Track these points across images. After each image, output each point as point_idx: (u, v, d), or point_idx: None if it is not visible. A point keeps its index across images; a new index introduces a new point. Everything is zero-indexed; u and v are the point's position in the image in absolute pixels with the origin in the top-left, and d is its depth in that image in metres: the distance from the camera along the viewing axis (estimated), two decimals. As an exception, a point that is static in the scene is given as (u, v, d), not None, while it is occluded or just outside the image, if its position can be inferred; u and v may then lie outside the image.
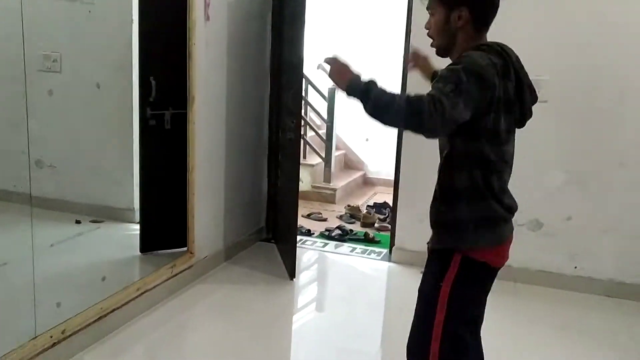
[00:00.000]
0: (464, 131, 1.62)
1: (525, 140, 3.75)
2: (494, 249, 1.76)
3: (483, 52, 1.62)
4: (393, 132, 6.53)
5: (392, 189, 6.51)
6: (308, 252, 4.46)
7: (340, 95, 2.53)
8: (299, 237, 4.38)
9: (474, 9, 1.66)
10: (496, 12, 1.73)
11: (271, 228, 4.59)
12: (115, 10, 4.02)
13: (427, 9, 1.76)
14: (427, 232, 1.91)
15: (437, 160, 1.91)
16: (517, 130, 1.80)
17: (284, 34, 4.06)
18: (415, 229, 4.17)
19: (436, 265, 1.80)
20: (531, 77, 1.80)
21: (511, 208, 1.77)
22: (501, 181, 1.73)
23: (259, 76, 4.30)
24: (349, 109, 6.51)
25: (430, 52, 1.91)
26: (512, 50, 1.73)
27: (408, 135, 4.12)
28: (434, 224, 1.83)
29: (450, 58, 1.75)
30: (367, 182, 6.85)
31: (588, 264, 3.81)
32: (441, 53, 1.77)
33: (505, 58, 1.66)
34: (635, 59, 3.57)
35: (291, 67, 3.74)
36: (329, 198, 5.89)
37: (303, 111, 5.25)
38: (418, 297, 1.87)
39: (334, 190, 5.95)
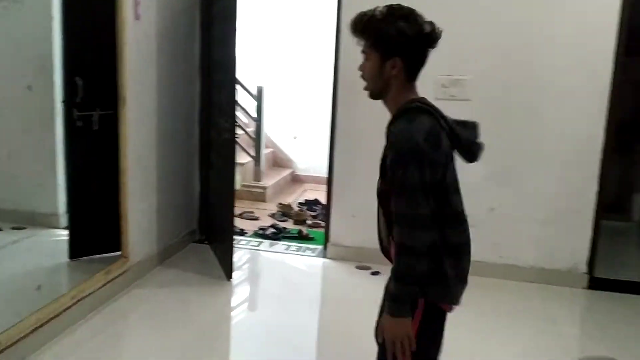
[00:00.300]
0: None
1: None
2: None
3: (415, 122, 1.63)
4: (321, 129, 6.66)
5: (321, 185, 6.63)
6: (243, 251, 4.45)
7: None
8: (233, 237, 4.36)
9: (408, 60, 1.69)
10: (425, 64, 1.74)
11: (204, 229, 4.55)
12: (34, 6, 3.84)
13: (362, 52, 1.76)
14: (361, 227, 1.99)
15: (370, 157, 1.87)
16: None
17: (214, 33, 4.03)
18: (349, 225, 4.27)
19: None
20: (454, 76, 1.86)
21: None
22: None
23: (189, 75, 4.25)
24: (277, 106, 6.58)
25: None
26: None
27: (339, 132, 4.21)
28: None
29: (384, 103, 1.78)
30: (296, 180, 6.91)
31: (511, 253, 4.05)
32: (374, 97, 1.78)
33: (434, 115, 1.68)
34: (550, 58, 3.81)
35: (223, 67, 3.72)
36: (259, 197, 5.90)
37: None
38: (380, 340, 1.77)
39: (265, 188, 5.96)
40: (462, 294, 1.78)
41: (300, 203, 5.83)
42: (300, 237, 4.82)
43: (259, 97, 5.87)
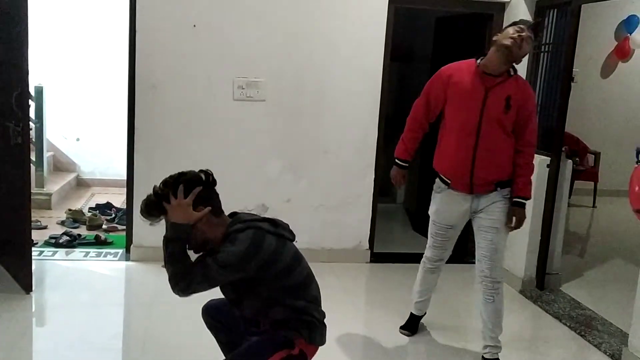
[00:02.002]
0: None
1: (247, 134, 4.25)
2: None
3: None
4: (106, 130, 6.46)
5: (110, 188, 6.46)
6: (37, 263, 4.15)
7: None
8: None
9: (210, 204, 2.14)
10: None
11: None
12: None
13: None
14: (163, 226, 2.18)
15: (172, 155, 2.01)
16: (242, 124, 2.28)
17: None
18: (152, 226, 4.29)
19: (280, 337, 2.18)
20: (250, 79, 2.21)
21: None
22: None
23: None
24: (55, 107, 6.17)
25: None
26: None
27: (139, 132, 4.21)
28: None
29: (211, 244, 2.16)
30: (82, 184, 6.56)
31: (305, 237, 4.46)
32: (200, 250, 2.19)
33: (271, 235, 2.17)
34: (331, 63, 4.31)
35: (10, 67, 3.47)
36: (43, 204, 5.50)
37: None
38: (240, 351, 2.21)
39: (49, 195, 5.58)
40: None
41: (91, 208, 5.59)
42: (98, 243, 4.66)
43: (38, 98, 5.47)
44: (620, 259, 5.06)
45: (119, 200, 5.87)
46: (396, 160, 3.23)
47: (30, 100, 5.58)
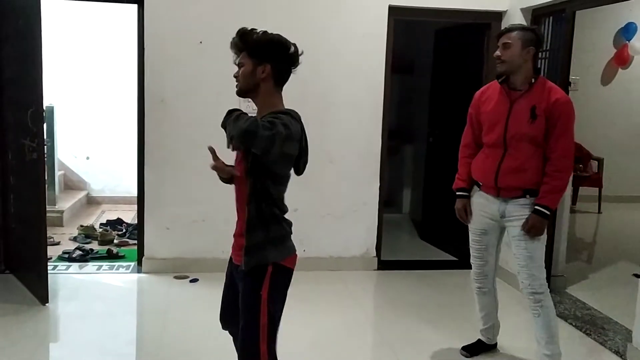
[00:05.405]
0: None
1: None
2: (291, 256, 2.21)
3: (291, 117, 2.07)
4: (115, 148, 6.60)
5: (120, 205, 6.58)
6: (52, 277, 4.24)
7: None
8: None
9: (276, 68, 2.11)
10: (289, 76, 2.19)
11: (2, 258, 4.25)
12: None
13: (237, 64, 2.14)
14: (177, 238, 2.24)
15: (182, 169, 2.00)
16: None
17: (7, 51, 3.85)
18: (164, 237, 4.40)
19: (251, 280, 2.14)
20: None
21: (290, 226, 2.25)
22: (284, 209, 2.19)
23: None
24: (65, 127, 6.31)
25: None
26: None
27: (149, 147, 4.32)
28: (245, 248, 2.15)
29: (253, 100, 2.17)
30: (92, 201, 6.68)
31: (313, 247, 4.56)
32: (241, 94, 2.18)
33: (301, 123, 2.13)
34: (335, 77, 4.43)
35: (25, 84, 3.60)
36: (56, 221, 5.61)
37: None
38: (242, 311, 2.15)
39: (61, 212, 5.70)
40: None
41: (102, 224, 5.70)
42: (110, 257, 4.76)
43: (49, 117, 5.60)
44: (625, 261, 5.10)
45: (128, 216, 5.98)
46: (457, 194, 3.20)
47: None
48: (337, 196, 4.58)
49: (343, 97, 4.47)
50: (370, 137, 4.55)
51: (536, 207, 2.86)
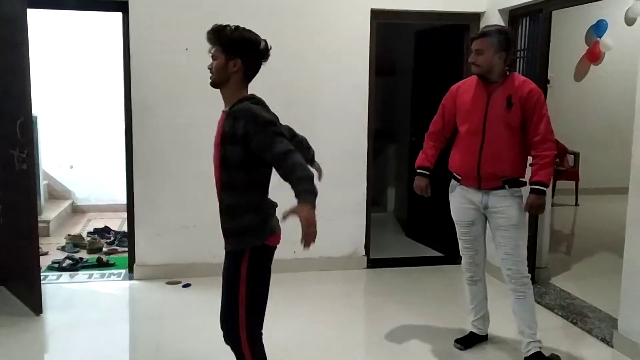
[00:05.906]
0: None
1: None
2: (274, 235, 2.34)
3: (260, 107, 2.24)
4: (99, 156, 6.59)
5: (106, 213, 6.56)
6: (43, 287, 4.22)
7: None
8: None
9: (246, 63, 2.26)
10: (258, 71, 2.32)
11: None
12: None
13: (211, 56, 2.27)
14: (166, 245, 2.32)
15: (172, 175, 2.03)
16: None
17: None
18: (155, 244, 4.42)
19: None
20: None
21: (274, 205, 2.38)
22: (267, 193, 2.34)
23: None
24: (49, 136, 6.28)
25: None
26: None
27: (137, 154, 4.34)
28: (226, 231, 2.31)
29: (222, 92, 2.30)
30: (77, 210, 6.65)
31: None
32: (215, 86, 2.31)
33: (266, 105, 2.30)
34: (321, 80, 4.51)
35: (13, 95, 3.60)
36: (42, 231, 5.53)
37: None
38: (222, 287, 2.32)
39: (47, 222, 5.67)
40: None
41: (89, 232, 5.69)
42: (101, 265, 4.76)
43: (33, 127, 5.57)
44: (604, 252, 5.26)
45: (115, 224, 5.98)
46: (417, 171, 3.36)
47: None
48: (325, 197, 4.53)
49: (329, 100, 4.55)
50: (357, 139, 4.64)
51: (532, 186, 3.04)
